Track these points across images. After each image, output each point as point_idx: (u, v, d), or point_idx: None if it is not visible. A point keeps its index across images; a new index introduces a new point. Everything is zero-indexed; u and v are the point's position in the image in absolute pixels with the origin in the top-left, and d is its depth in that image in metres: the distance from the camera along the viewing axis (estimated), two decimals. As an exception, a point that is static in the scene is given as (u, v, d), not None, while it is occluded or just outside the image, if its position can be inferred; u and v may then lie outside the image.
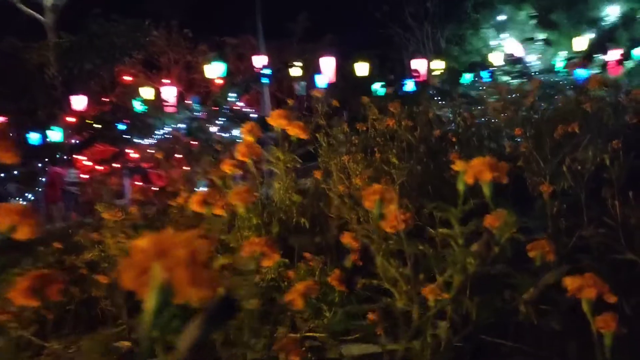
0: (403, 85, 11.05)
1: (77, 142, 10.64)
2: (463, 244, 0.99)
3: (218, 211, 1.38)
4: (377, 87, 11.66)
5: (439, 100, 10.78)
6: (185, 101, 15.80)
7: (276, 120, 1.46)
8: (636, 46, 10.49)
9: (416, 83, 11.47)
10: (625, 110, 2.44)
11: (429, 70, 14.54)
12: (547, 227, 2.14)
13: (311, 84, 17.61)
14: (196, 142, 9.97)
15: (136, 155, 10.00)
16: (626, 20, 17.31)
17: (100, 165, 10.24)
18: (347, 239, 1.39)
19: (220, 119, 10.13)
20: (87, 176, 12.54)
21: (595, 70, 11.57)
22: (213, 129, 10.15)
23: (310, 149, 3.71)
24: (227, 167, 1.57)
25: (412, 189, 2.44)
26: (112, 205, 2.33)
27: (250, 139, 1.50)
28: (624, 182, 2.02)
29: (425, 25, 20.23)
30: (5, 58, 12.30)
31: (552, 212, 2.11)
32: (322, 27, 21.00)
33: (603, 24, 17.14)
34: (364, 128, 2.99)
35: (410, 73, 18.72)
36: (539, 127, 2.46)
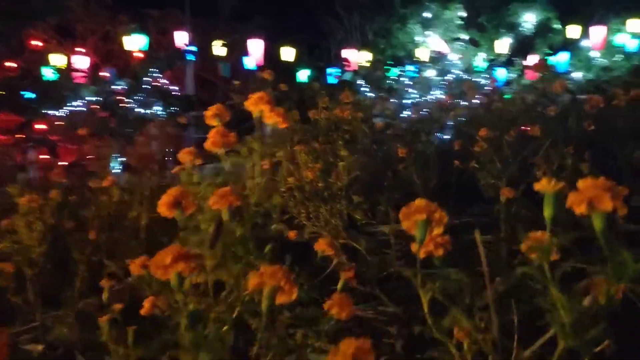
0: (332, 74, 10.96)
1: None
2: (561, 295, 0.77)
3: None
4: (305, 74, 11.48)
5: (368, 89, 10.83)
6: (101, 73, 14.89)
7: (256, 105, 1.25)
8: (551, 54, 11.02)
9: (345, 72, 11.42)
10: (583, 117, 2.44)
11: (357, 62, 14.60)
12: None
13: (237, 66, 17.20)
14: (112, 117, 9.34)
15: (44, 127, 9.24)
16: (541, 28, 18.24)
17: (2, 135, 9.36)
18: (321, 246, 1.21)
19: (139, 94, 9.54)
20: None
21: (514, 74, 12.07)
22: (132, 104, 9.55)
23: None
24: (185, 157, 1.34)
25: (364, 182, 2.31)
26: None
27: (216, 123, 1.28)
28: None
29: (355, 16, 20.28)
30: None
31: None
32: (251, 8, 20.54)
33: (521, 29, 17.93)
34: (315, 117, 2.82)
35: (338, 62, 18.76)
36: (495, 126, 2.41)
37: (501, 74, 11.77)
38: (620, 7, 18.30)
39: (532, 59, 12.06)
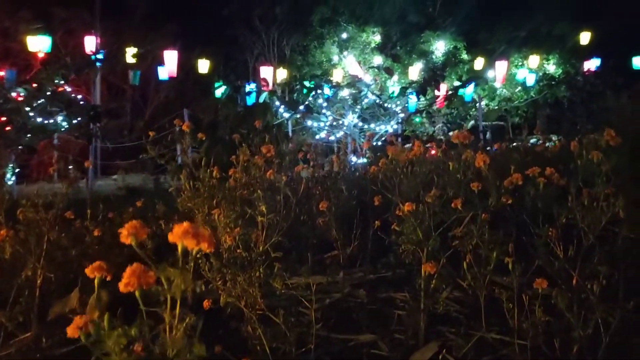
0: (250, 93, 10.83)
1: None
2: None
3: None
4: (220, 90, 11.26)
5: (286, 111, 10.81)
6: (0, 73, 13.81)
7: (182, 239, 1.14)
8: (462, 85, 11.57)
9: (260, 92, 11.34)
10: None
11: (275, 79, 14.55)
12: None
13: (149, 74, 16.62)
14: (9, 125, 8.66)
15: None
16: (450, 57, 19.16)
17: None
18: None
19: (40, 101, 8.92)
20: None
21: (426, 102, 12.54)
22: (32, 112, 8.90)
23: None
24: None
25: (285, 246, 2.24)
26: None
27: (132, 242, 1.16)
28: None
29: (272, 31, 20.29)
30: None
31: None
32: (165, 14, 19.94)
33: (433, 57, 18.73)
34: (236, 174, 2.70)
35: (254, 76, 18.65)
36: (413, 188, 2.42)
37: (413, 101, 12.18)
38: (520, 42, 19.71)
39: (442, 88, 12.60)
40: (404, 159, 2.66)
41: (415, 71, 17.88)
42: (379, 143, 12.45)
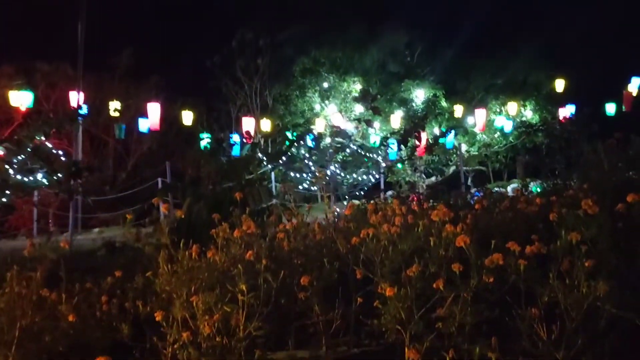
0: (233, 145, 10.89)
1: None
2: None
3: None
4: (204, 141, 11.30)
5: (269, 163, 10.86)
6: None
7: None
8: (443, 135, 11.76)
9: (243, 144, 11.40)
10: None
11: (258, 128, 14.70)
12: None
13: (133, 126, 16.62)
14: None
15: None
16: (430, 104, 19.54)
17: None
18: None
19: (21, 157, 8.85)
20: None
21: (406, 151, 12.69)
22: (11, 169, 8.80)
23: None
24: None
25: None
26: None
27: None
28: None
29: (255, 81, 20.58)
30: None
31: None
32: (148, 66, 20.12)
33: (414, 105, 19.08)
34: (216, 257, 2.65)
35: (237, 126, 18.75)
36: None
37: (394, 149, 12.33)
38: (497, 90, 20.22)
39: (423, 137, 12.80)
40: (385, 231, 2.65)
41: (396, 119, 18.16)
42: (361, 193, 12.54)
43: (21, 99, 12.54)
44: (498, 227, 4.05)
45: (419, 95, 19.82)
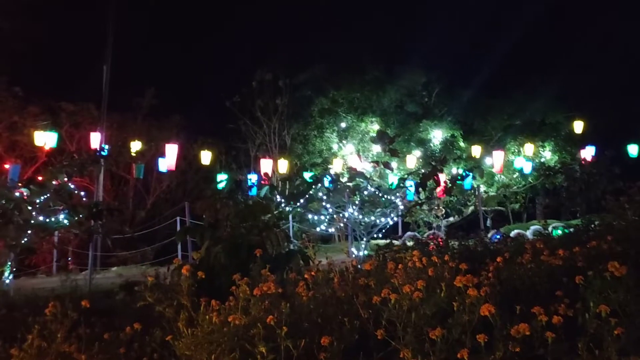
0: (251, 187, 10.92)
1: None
2: None
3: None
4: (222, 183, 11.36)
5: (285, 205, 10.85)
6: (5, 166, 14.03)
7: None
8: (462, 178, 11.67)
9: (261, 185, 11.43)
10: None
11: (276, 168, 14.81)
12: None
13: (152, 164, 16.86)
14: (8, 225, 8.67)
15: None
16: (447, 145, 19.55)
17: None
18: None
19: (43, 198, 8.98)
20: None
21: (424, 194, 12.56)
22: (34, 210, 8.93)
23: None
24: None
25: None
26: None
27: None
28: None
29: (274, 121, 20.81)
30: None
31: None
32: (169, 105, 20.52)
33: (431, 145, 19.11)
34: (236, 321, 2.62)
35: (255, 165, 18.90)
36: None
37: (411, 190, 12.25)
38: (515, 130, 20.18)
39: (442, 178, 12.73)
40: (407, 292, 2.62)
41: (413, 160, 18.18)
42: (379, 235, 12.40)
43: (46, 139, 12.84)
44: (521, 279, 3.98)
45: (437, 136, 19.88)
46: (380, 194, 11.98)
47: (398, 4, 29.00)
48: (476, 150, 17.99)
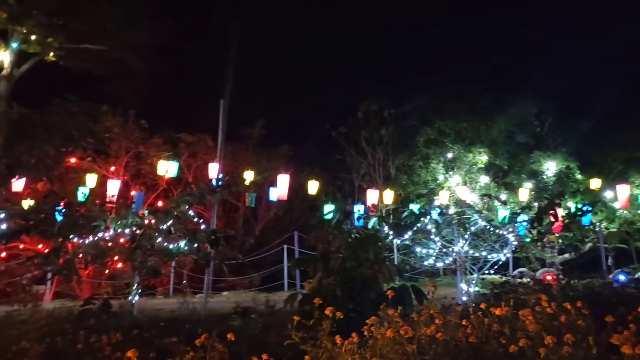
0: (360, 218, 11.00)
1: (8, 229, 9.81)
2: None
3: None
4: (329, 212, 11.52)
5: (394, 236, 10.82)
6: (132, 192, 15.21)
7: None
8: (583, 214, 11.00)
9: (368, 216, 11.48)
10: None
11: (381, 199, 14.78)
12: None
13: (261, 192, 17.51)
14: (137, 249, 9.35)
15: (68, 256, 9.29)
16: (562, 177, 18.55)
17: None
18: None
19: (167, 225, 9.61)
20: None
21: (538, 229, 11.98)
22: (158, 236, 9.58)
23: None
24: None
25: None
26: None
27: None
28: None
29: (378, 151, 20.90)
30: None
31: None
32: (277, 136, 21.35)
33: (544, 177, 18.23)
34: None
35: (360, 195, 19.02)
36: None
37: (524, 225, 11.72)
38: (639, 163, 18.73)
39: (558, 213, 12.08)
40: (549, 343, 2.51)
41: (525, 193, 17.39)
42: (491, 272, 11.94)
43: (168, 168, 13.76)
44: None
45: (550, 167, 18.95)
46: (490, 228, 11.58)
47: (506, 34, 28.32)
48: (595, 184, 16.88)
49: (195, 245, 9.76)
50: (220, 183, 10.95)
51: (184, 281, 15.89)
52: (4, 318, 7.19)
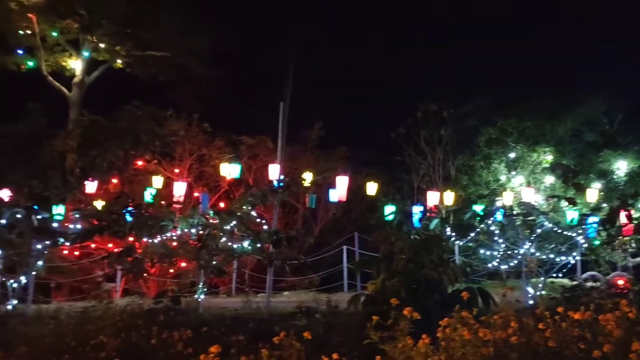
0: (421, 219, 10.93)
1: (81, 228, 10.33)
2: None
3: None
4: (390, 215, 11.48)
5: (456, 237, 10.68)
6: (195, 194, 15.65)
7: None
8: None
9: (429, 217, 11.37)
10: None
11: (442, 201, 14.56)
12: None
13: (320, 194, 17.62)
14: (202, 249, 9.64)
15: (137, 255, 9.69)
16: (634, 177, 17.67)
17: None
18: None
19: (231, 226, 9.86)
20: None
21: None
22: (222, 236, 9.84)
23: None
24: None
25: None
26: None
27: None
28: None
29: (438, 152, 20.55)
30: (30, 137, 12.38)
31: None
32: (336, 137, 21.40)
33: (614, 177, 17.44)
34: None
35: (419, 196, 18.80)
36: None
37: (594, 226, 11.28)
38: None
39: (629, 216, 11.55)
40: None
41: (594, 193, 16.66)
42: (559, 275, 11.55)
43: (230, 170, 14.06)
44: None
45: (621, 167, 18.11)
46: (558, 230, 11.22)
47: (570, 28, 27.25)
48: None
49: (259, 245, 9.97)
50: (281, 184, 11.13)
51: (246, 281, 16.21)
52: (81, 314, 7.60)
